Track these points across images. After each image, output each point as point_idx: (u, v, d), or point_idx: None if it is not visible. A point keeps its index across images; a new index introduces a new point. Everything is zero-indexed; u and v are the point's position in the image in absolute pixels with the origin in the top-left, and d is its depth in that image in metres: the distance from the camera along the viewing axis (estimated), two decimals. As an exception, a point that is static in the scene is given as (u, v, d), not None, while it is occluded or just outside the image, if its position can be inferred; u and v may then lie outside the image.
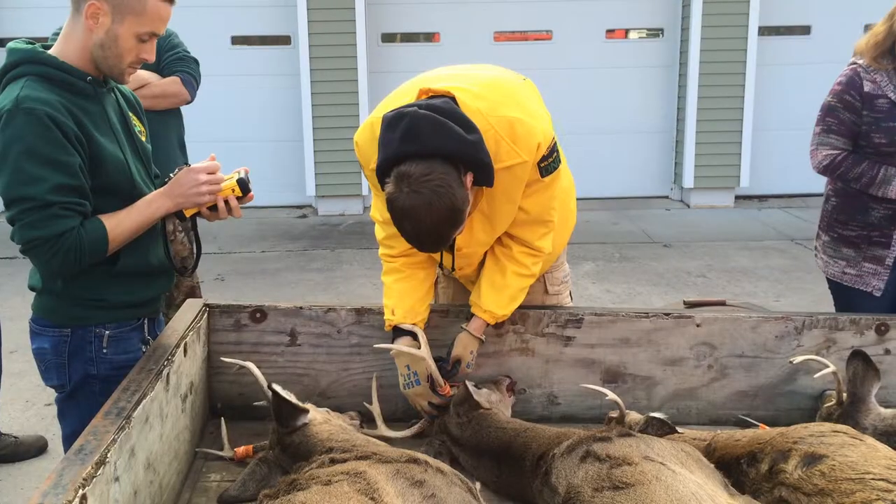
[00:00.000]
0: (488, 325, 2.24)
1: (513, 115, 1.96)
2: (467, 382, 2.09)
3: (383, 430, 2.19)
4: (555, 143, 2.05)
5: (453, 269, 2.22)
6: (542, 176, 2.04)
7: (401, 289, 2.23)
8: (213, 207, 2.06)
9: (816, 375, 2.20)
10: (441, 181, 1.78)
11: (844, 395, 2.11)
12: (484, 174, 1.89)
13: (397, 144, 1.80)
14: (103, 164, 1.94)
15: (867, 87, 2.76)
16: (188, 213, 2.06)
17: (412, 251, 2.22)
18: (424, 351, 2.15)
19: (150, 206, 2.01)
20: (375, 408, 2.24)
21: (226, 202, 2.04)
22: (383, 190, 1.84)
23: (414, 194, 1.77)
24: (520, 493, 1.86)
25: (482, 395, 2.12)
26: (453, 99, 1.92)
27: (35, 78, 1.89)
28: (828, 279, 3.01)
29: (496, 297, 2.20)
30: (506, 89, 2.03)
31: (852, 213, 2.86)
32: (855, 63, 2.82)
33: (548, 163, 2.02)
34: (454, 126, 1.82)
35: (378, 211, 2.22)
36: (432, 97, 1.93)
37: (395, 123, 1.81)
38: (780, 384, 2.38)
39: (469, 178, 1.87)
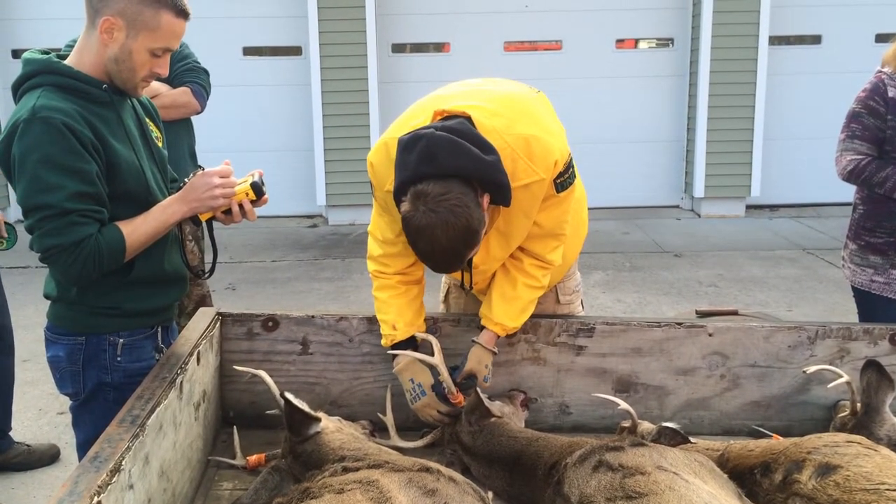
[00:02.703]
0: (499, 337, 2.24)
1: (529, 132, 1.95)
2: (478, 390, 2.09)
3: (396, 440, 2.19)
4: (570, 159, 2.05)
5: (471, 287, 2.22)
6: (558, 192, 2.04)
7: (399, 304, 2.23)
8: (228, 211, 2.07)
9: (830, 385, 2.18)
10: (458, 201, 1.77)
11: (858, 405, 2.10)
12: (501, 194, 1.88)
13: (414, 166, 1.79)
14: (119, 170, 1.96)
15: (892, 93, 2.78)
16: (203, 218, 2.07)
17: (408, 270, 2.23)
18: (437, 358, 2.15)
19: (165, 211, 2.02)
20: (389, 419, 2.24)
21: (240, 206, 2.06)
22: (399, 209, 1.84)
23: (430, 213, 1.76)
24: (532, 502, 1.86)
25: (494, 406, 2.12)
26: (469, 119, 1.91)
27: (51, 88, 1.91)
28: (854, 289, 3.00)
29: (507, 309, 2.20)
30: (521, 106, 2.02)
31: (879, 219, 2.86)
32: (881, 71, 2.85)
33: (563, 178, 2.02)
34: (471, 147, 1.81)
35: (379, 229, 2.21)
36: (447, 118, 1.92)
37: (412, 146, 1.81)
38: (793, 394, 2.37)
39: (486, 199, 1.87)
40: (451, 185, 1.78)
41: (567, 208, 2.13)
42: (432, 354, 2.17)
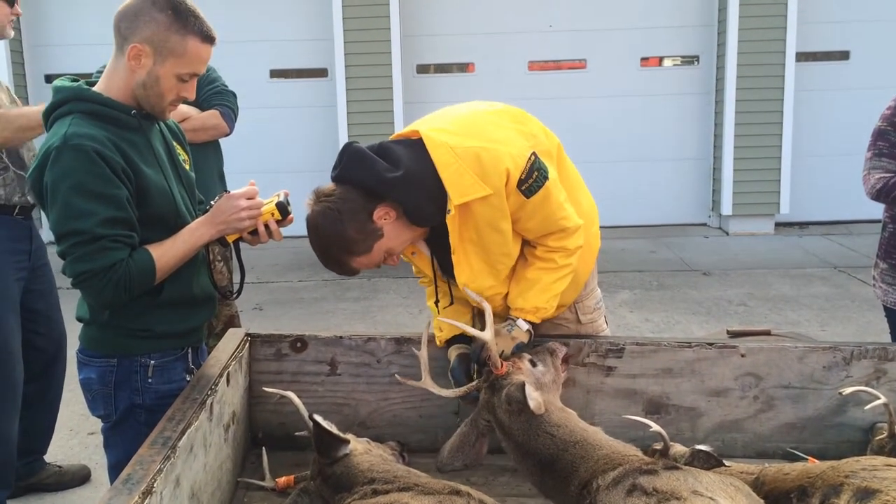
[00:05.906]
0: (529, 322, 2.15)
1: (478, 144, 1.99)
2: (527, 386, 1.90)
3: (429, 384, 2.10)
4: (534, 163, 2.01)
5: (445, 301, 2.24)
6: (528, 197, 2.02)
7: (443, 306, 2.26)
8: (255, 232, 2.09)
9: (867, 407, 2.13)
10: (335, 204, 1.97)
11: (896, 427, 2.05)
12: (408, 210, 2.01)
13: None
14: (149, 194, 1.99)
15: None
16: (230, 239, 2.10)
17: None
18: (488, 333, 2.01)
19: (193, 234, 2.05)
20: (423, 354, 2.13)
21: (266, 226, 2.08)
22: None
23: (311, 209, 2.02)
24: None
25: (534, 400, 1.90)
26: (420, 140, 2.01)
27: (81, 115, 1.94)
28: (886, 309, 2.94)
29: (519, 291, 2.15)
30: (475, 122, 2.08)
31: None
32: None
33: (529, 184, 2.01)
34: (377, 161, 1.97)
35: None
36: (396, 140, 2.08)
37: None
38: (828, 416, 2.32)
39: (386, 211, 2.00)
40: (341, 188, 2.00)
41: (553, 206, 2.07)
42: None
